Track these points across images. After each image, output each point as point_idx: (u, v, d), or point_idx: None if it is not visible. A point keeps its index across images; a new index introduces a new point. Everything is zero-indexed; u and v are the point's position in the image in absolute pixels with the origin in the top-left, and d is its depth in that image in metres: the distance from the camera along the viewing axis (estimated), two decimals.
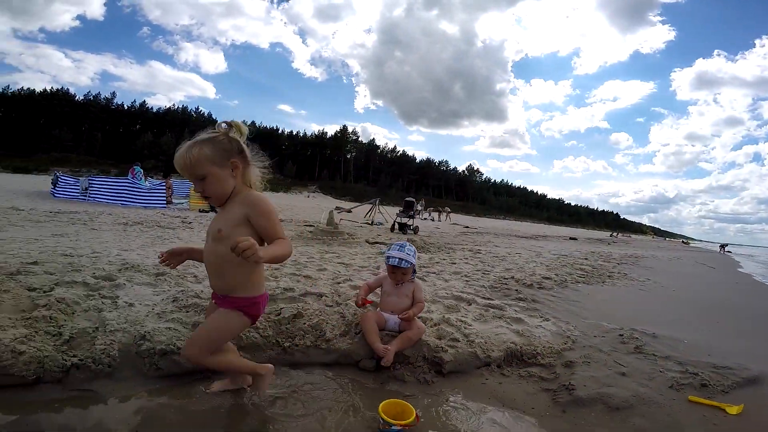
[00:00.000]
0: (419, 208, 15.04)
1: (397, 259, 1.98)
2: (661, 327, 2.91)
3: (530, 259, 6.77)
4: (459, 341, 2.02)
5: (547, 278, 4.68)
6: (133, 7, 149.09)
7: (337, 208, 19.57)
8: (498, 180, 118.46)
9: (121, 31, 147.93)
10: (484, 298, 3.22)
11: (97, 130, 63.60)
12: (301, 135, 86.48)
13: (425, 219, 26.77)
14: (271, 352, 1.73)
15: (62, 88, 67.17)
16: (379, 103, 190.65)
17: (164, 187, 11.64)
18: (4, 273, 2.08)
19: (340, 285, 2.84)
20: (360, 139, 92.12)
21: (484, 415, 1.59)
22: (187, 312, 1.86)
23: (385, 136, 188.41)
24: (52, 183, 12.65)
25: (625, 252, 12.57)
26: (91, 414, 1.30)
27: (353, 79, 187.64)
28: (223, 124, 1.41)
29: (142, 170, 12.55)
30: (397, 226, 12.09)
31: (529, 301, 3.41)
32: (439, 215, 29.80)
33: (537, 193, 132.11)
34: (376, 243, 6.78)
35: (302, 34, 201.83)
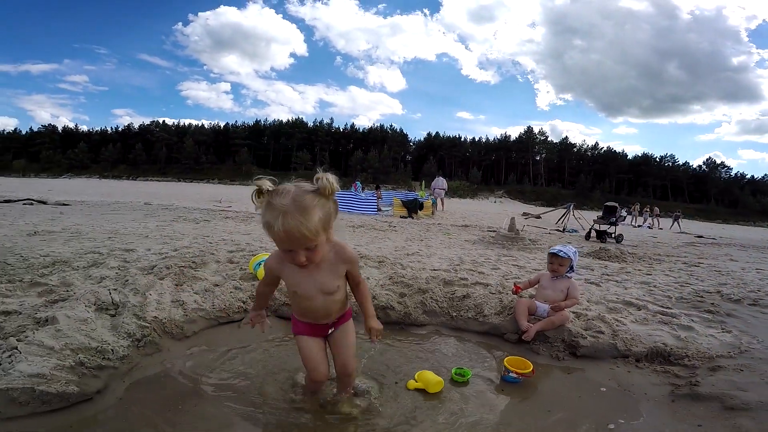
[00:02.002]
0: (623, 213, 13.31)
1: (557, 248, 2.51)
2: None
3: (763, 273, 5.45)
4: (603, 333, 2.35)
5: None
6: (324, 40, 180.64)
7: (524, 213, 19.14)
8: (757, 175, 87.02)
9: (323, 62, 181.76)
10: (660, 306, 3.20)
11: (324, 150, 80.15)
12: (484, 140, 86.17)
13: (639, 226, 22.87)
14: (442, 318, 2.57)
15: (298, 117, 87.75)
16: (567, 97, 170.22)
17: (376, 198, 14.43)
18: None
19: (508, 281, 3.42)
20: (549, 138, 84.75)
21: (589, 382, 1.97)
22: (391, 281, 2.91)
23: (581, 132, 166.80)
24: None
25: None
26: None
27: (529, 76, 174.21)
28: (326, 182, 1.26)
29: (361, 184, 15.93)
30: (594, 233, 11.16)
31: (722, 314, 3.13)
32: (654, 220, 24.81)
33: None
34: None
35: (462, 40, 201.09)
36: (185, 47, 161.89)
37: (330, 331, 1.61)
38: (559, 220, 14.51)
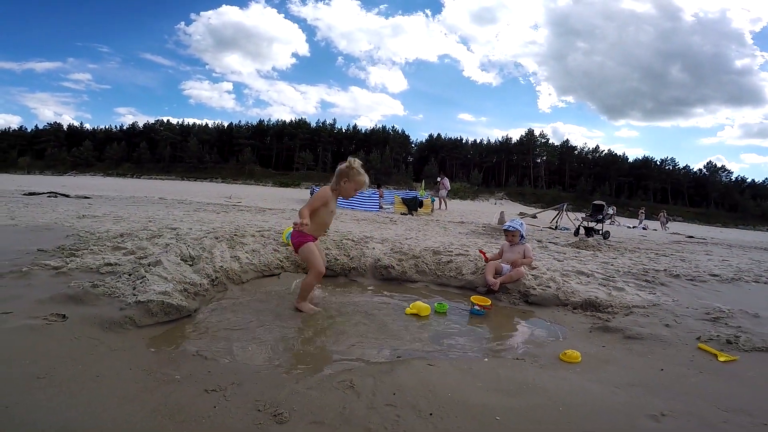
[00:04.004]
0: (610, 212, 14.10)
1: (506, 224, 3.33)
2: None
3: (723, 264, 6.22)
4: (550, 287, 3.14)
5: (714, 275, 4.71)
6: (326, 40, 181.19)
7: (521, 213, 19.95)
8: (759, 179, 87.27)
9: (325, 63, 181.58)
10: (606, 275, 3.97)
11: (327, 151, 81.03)
12: (485, 142, 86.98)
13: (633, 227, 23.61)
14: (431, 276, 3.37)
15: (301, 118, 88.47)
16: (569, 99, 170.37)
17: (378, 196, 15.24)
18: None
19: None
20: (550, 140, 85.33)
21: (532, 318, 2.76)
22: (392, 251, 3.70)
23: (583, 135, 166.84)
24: (310, 194, 18.26)
25: None
26: (353, 285, 3.22)
27: (531, 78, 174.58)
28: (356, 161, 2.62)
29: None
30: (583, 230, 11.94)
31: (656, 284, 3.91)
32: (663, 224, 25.49)
33: None
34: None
35: (464, 41, 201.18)
36: (188, 46, 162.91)
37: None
38: (553, 219, 15.30)
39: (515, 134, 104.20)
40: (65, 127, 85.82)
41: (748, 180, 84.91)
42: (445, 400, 1.42)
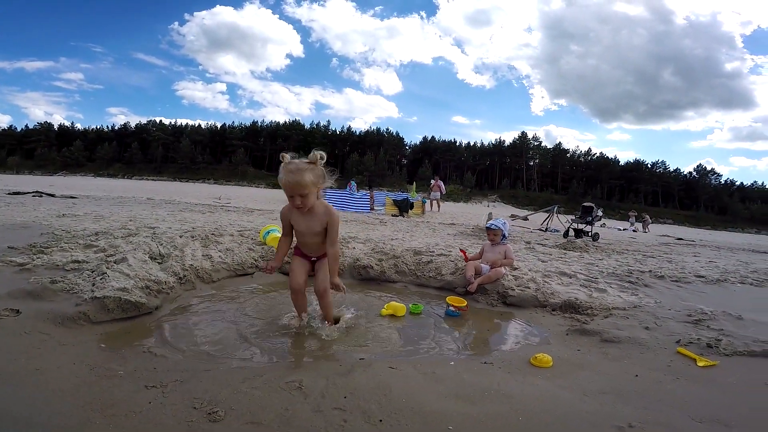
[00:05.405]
0: (599, 214, 14.12)
1: (490, 223, 3.26)
2: None
3: (710, 265, 6.23)
4: (529, 288, 3.08)
5: (700, 276, 4.69)
6: (320, 42, 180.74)
7: (512, 215, 19.98)
8: (747, 183, 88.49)
9: (319, 64, 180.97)
10: (589, 277, 3.93)
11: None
12: (479, 145, 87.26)
13: (623, 230, 23.78)
14: (410, 277, 3.30)
15: (294, 119, 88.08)
16: (562, 102, 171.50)
17: (368, 197, 15.20)
18: None
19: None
20: (543, 143, 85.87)
21: (508, 319, 2.70)
22: (373, 251, 3.62)
23: (575, 138, 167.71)
24: None
25: None
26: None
27: (524, 81, 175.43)
28: (317, 153, 2.00)
29: (355, 184, 16.71)
30: (572, 232, 11.95)
31: (640, 285, 3.87)
32: (644, 225, 25.80)
33: None
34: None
35: (459, 44, 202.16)
36: (181, 47, 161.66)
37: (314, 260, 2.28)
38: (544, 221, 15.32)
39: (508, 137, 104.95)
40: (56, 126, 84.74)
41: (737, 183, 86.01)
42: (399, 405, 1.34)
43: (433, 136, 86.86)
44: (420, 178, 46.75)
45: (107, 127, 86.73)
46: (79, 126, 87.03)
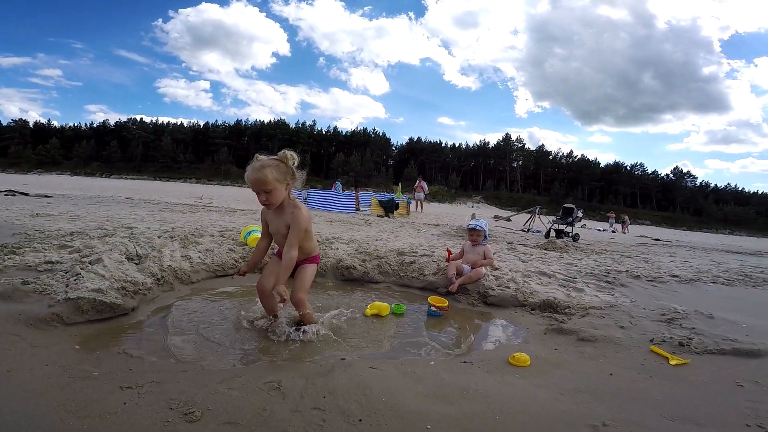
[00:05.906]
0: (579, 215, 14.45)
1: (473, 223, 3.29)
2: (746, 316, 3.11)
3: (684, 265, 6.43)
4: (509, 288, 3.13)
5: (674, 276, 4.83)
6: (308, 41, 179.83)
7: (495, 216, 20.25)
8: (721, 185, 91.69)
9: (306, 63, 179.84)
10: (567, 276, 4.01)
11: (306, 153, 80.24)
12: (464, 146, 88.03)
13: (603, 230, 24.35)
14: (393, 277, 3.31)
15: (280, 118, 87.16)
16: (545, 105, 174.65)
17: (354, 197, 15.15)
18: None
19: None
20: (527, 145, 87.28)
21: (489, 319, 2.73)
22: (356, 252, 3.62)
23: (558, 140, 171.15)
24: None
25: None
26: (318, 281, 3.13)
27: (509, 83, 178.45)
28: (287, 152, 1.99)
29: (341, 184, 16.63)
30: (553, 233, 12.16)
31: (616, 284, 3.96)
32: (623, 226, 26.52)
33: None
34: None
35: (446, 45, 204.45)
36: (164, 44, 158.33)
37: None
38: (526, 222, 15.57)
39: (493, 138, 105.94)
40: (31, 124, 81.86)
41: (712, 185, 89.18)
42: (378, 405, 1.35)
43: (419, 137, 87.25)
44: (406, 179, 46.88)
45: (85, 124, 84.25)
46: (55, 123, 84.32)
